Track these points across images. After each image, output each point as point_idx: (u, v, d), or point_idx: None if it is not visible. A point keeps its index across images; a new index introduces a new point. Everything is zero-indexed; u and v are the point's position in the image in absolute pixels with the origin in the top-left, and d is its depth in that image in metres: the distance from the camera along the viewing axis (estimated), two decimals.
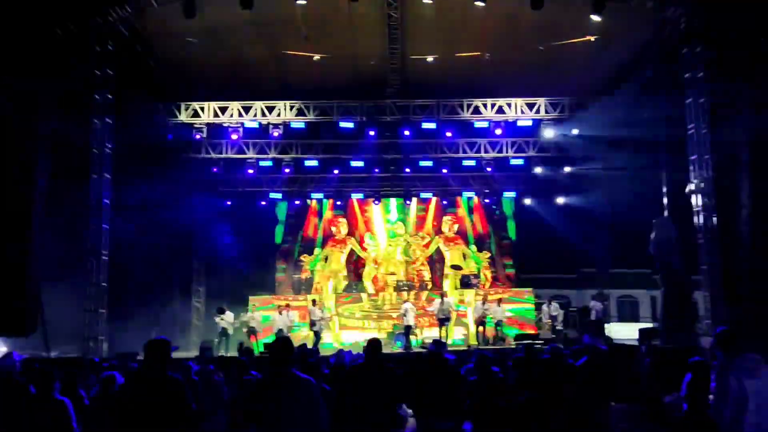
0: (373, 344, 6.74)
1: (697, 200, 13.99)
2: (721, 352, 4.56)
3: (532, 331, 17.50)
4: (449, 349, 11.63)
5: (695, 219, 14.08)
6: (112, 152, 14.68)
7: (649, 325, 18.82)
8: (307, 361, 7.37)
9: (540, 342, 15.23)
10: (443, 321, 16.79)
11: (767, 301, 12.26)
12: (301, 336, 16.83)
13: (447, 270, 21.72)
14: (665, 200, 17.90)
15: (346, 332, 18.69)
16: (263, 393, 4.02)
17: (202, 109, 17.44)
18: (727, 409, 4.35)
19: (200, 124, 17.35)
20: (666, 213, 16.28)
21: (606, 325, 17.67)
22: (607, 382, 6.48)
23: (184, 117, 17.42)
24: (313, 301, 17.61)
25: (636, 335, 15.79)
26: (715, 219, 13.74)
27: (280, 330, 16.57)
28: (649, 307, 26.25)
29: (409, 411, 8.87)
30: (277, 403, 3.92)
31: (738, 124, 14.55)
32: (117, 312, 14.97)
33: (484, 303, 17.14)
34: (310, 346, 15.10)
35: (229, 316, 16.76)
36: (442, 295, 17.50)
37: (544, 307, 17.72)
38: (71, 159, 15.13)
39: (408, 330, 16.51)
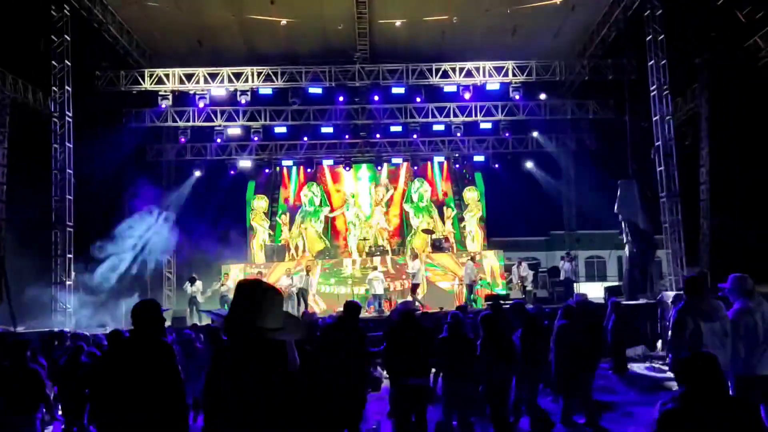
0: (350, 306, 6.90)
1: (659, 160, 14.32)
2: (687, 295, 4.83)
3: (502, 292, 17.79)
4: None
5: (657, 178, 14.44)
6: (74, 121, 14.31)
7: (616, 283, 19.40)
8: None
9: (510, 302, 15.59)
10: (470, 286, 16.70)
11: (727, 255, 12.76)
12: None
13: (418, 234, 21.83)
14: (629, 161, 18.30)
15: (321, 299, 18.78)
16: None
17: (167, 76, 17.04)
18: (683, 346, 4.65)
19: (165, 91, 16.96)
20: (631, 174, 16.64)
21: (575, 284, 18.20)
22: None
23: (148, 84, 17.02)
24: (307, 269, 17.62)
25: (603, 293, 16.36)
26: (676, 178, 14.12)
27: None
28: (615, 267, 27.01)
29: (384, 372, 9.08)
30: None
31: (698, 86, 14.88)
32: (83, 283, 14.80)
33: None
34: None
35: (198, 285, 16.81)
36: (472, 258, 17.42)
37: (514, 268, 18.06)
38: (32, 129, 14.77)
39: (376, 298, 16.61)
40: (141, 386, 3.59)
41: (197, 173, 21.08)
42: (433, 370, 6.65)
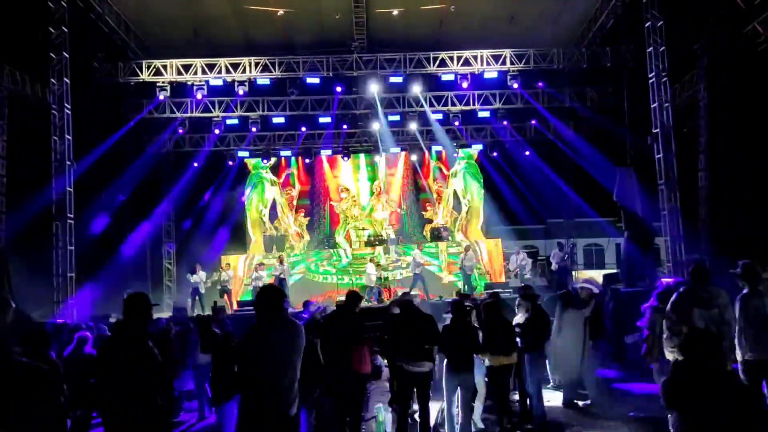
0: (350, 295, 6.97)
1: (657, 147, 14.34)
2: (688, 282, 4.89)
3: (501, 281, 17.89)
4: None
5: (656, 165, 14.46)
6: (73, 113, 14.27)
7: (614, 271, 19.46)
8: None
9: (509, 290, 15.69)
10: (468, 275, 16.93)
11: (725, 241, 12.83)
12: None
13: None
14: (628, 149, 18.32)
15: (319, 288, 18.83)
16: (258, 334, 4.23)
17: (165, 67, 16.98)
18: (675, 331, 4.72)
19: (163, 82, 16.90)
20: (629, 161, 16.67)
21: (573, 273, 18.28)
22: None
23: (146, 76, 16.97)
24: (280, 259, 17.71)
25: (601, 281, 16.41)
26: (674, 165, 14.15)
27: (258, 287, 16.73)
28: (614, 254, 27.13)
29: (384, 361, 9.13)
30: (270, 343, 4.17)
31: (697, 72, 14.87)
32: (85, 275, 14.83)
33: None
34: None
35: (201, 274, 16.83)
36: (467, 248, 17.65)
37: (513, 256, 18.13)
38: (31, 121, 14.75)
39: (375, 287, 16.76)
40: (128, 374, 3.86)
41: (195, 164, 21.08)
42: (437, 357, 6.73)
